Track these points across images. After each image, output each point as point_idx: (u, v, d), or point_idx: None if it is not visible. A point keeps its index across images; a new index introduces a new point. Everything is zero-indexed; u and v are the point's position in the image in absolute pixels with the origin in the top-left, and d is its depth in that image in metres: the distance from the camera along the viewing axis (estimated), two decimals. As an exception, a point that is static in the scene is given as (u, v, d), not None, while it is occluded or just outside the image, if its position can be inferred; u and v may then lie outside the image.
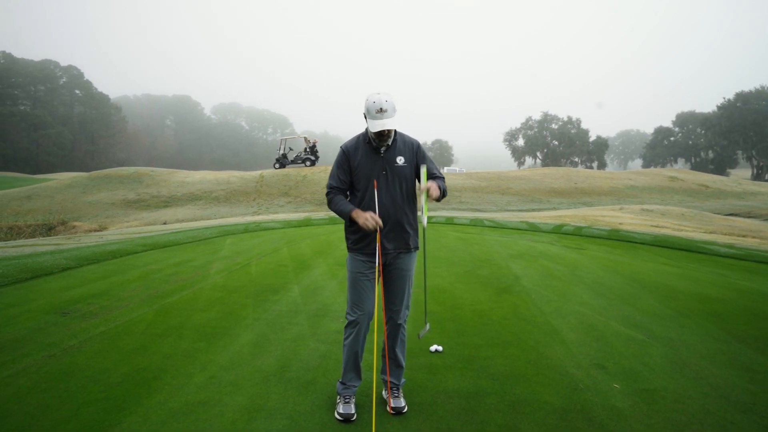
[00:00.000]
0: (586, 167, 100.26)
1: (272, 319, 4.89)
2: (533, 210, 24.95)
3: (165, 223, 19.04)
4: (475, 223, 14.28)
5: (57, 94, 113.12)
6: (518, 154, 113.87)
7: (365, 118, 3.01)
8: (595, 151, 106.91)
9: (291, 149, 37.86)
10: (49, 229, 19.28)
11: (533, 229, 13.27)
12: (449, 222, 14.60)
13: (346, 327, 3.17)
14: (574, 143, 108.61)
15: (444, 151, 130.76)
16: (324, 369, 3.73)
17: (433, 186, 2.98)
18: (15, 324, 4.39)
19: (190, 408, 3.09)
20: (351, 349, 3.14)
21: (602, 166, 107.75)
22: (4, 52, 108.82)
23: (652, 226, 16.14)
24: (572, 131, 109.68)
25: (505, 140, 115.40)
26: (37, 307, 4.85)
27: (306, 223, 14.41)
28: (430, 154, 3.47)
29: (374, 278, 3.14)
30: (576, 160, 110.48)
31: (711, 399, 3.28)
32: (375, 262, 3.08)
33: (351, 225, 3.08)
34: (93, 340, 4.14)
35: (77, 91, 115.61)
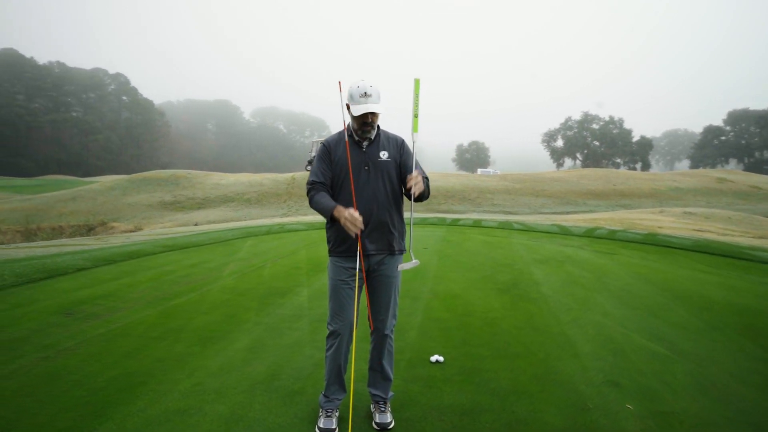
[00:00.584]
0: (629, 168, 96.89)
1: (273, 323, 4.77)
2: (567, 213, 24.14)
3: (196, 225, 19.43)
4: (504, 226, 13.87)
5: (106, 100, 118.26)
6: (557, 156, 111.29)
7: (348, 109, 2.84)
8: (638, 152, 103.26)
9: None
10: (89, 230, 20.01)
11: (564, 232, 12.76)
12: (476, 225, 14.23)
13: (327, 338, 2.99)
14: (616, 144, 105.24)
15: (480, 152, 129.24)
16: (315, 378, 3.55)
17: (419, 178, 2.77)
18: (17, 324, 4.43)
19: (168, 416, 2.98)
20: (333, 362, 2.96)
21: (646, 167, 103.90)
22: (58, 62, 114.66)
23: (693, 230, 15.27)
24: (614, 131, 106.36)
25: (544, 141, 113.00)
26: (42, 308, 4.89)
27: (331, 225, 14.33)
28: (466, 156, 3.23)
29: (358, 286, 2.94)
30: (618, 161, 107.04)
31: (737, 425, 2.93)
32: (356, 268, 2.88)
33: (332, 224, 2.88)
34: (89, 342, 4.11)
35: (124, 98, 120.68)
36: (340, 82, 2.79)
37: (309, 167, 36.07)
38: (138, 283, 6.06)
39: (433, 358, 3.90)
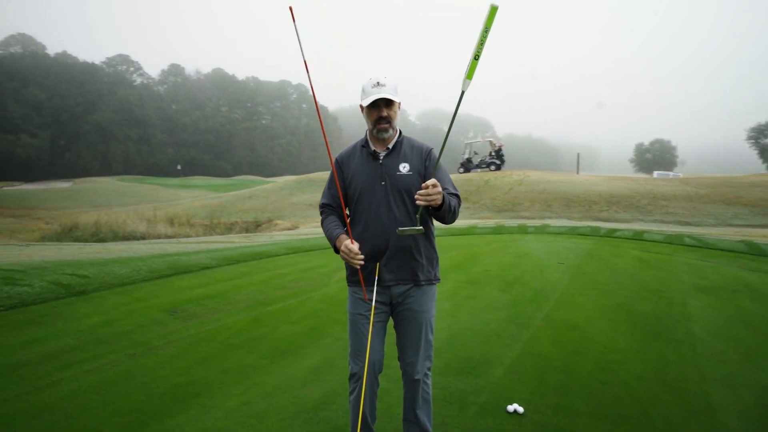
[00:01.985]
0: None
1: (353, 341, 4.50)
2: (769, 226, 19.70)
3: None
4: (671, 240, 11.76)
5: (289, 108, 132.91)
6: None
7: (362, 109, 2.44)
8: None
9: (476, 153, 37.23)
10: (257, 226, 22.44)
11: (754, 251, 10.28)
12: (636, 237, 12.31)
13: (349, 380, 2.59)
14: None
15: (665, 152, 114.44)
16: (381, 417, 3.17)
17: (437, 189, 2.20)
18: (127, 319, 4.87)
19: (200, 438, 2.88)
20: (356, 409, 2.54)
21: None
22: (253, 77, 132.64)
23: None
24: None
25: (750, 138, 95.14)
26: (155, 304, 5.34)
27: (467, 231, 13.73)
28: (647, 156, 2.58)
29: (379, 320, 2.49)
30: None
31: None
32: (374, 300, 2.44)
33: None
34: (175, 344, 4.30)
35: (304, 105, 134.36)
36: (291, 8, 2.15)
37: (461, 170, 35.57)
38: (248, 285, 6.34)
39: (511, 408, 3.22)
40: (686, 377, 3.77)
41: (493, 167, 34.25)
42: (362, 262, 2.35)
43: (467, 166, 35.56)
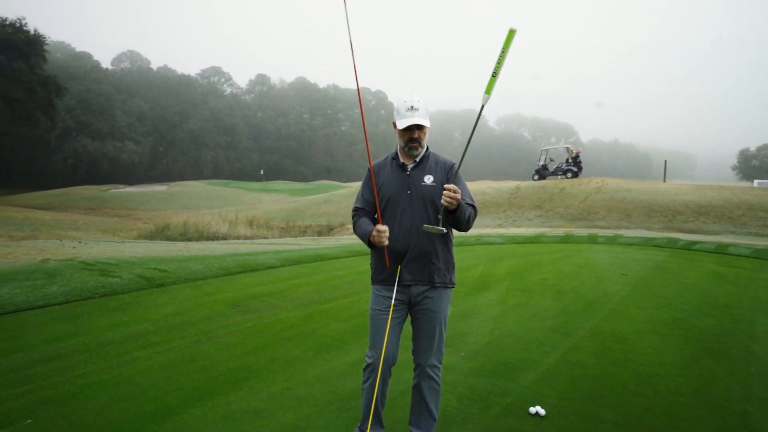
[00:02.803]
0: None
1: (395, 340, 4.75)
2: None
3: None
4: (760, 255, 10.88)
5: (367, 115, 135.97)
6: None
7: (394, 126, 2.71)
8: None
9: (552, 160, 35.99)
10: (329, 230, 23.33)
11: None
12: (719, 251, 11.50)
13: (364, 370, 2.86)
14: None
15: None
16: (394, 407, 3.41)
17: (458, 195, 2.46)
18: (197, 310, 5.45)
19: (243, 415, 3.25)
20: (369, 396, 2.81)
21: None
22: (334, 85, 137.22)
23: None
24: None
25: None
26: (221, 298, 5.91)
27: (533, 240, 13.48)
28: (753, 163, 2.77)
29: (396, 317, 2.75)
30: None
31: None
32: (393, 298, 2.71)
33: (374, 249, 2.78)
34: (234, 334, 4.79)
35: (382, 111, 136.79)
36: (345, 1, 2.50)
37: (536, 177, 34.59)
38: (306, 285, 6.79)
39: (533, 410, 3.33)
40: (730, 396, 3.65)
41: (569, 174, 32.94)
42: (387, 242, 2.60)
43: (542, 173, 34.46)
